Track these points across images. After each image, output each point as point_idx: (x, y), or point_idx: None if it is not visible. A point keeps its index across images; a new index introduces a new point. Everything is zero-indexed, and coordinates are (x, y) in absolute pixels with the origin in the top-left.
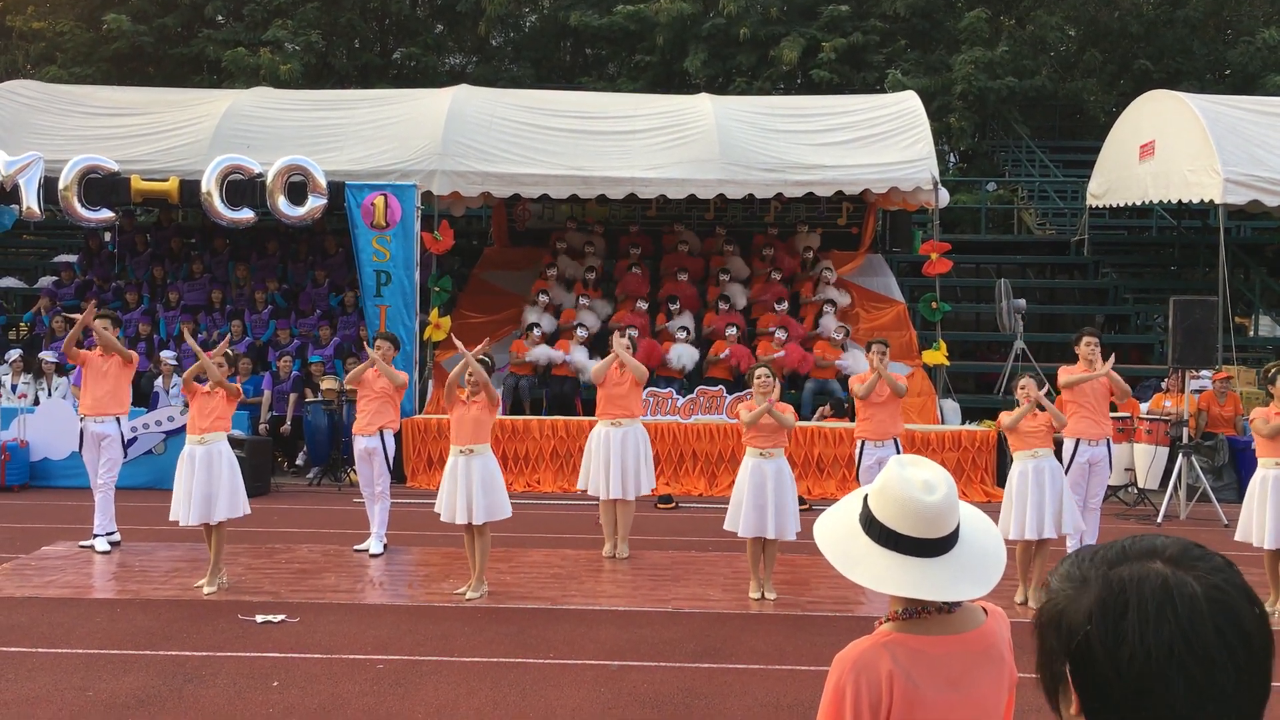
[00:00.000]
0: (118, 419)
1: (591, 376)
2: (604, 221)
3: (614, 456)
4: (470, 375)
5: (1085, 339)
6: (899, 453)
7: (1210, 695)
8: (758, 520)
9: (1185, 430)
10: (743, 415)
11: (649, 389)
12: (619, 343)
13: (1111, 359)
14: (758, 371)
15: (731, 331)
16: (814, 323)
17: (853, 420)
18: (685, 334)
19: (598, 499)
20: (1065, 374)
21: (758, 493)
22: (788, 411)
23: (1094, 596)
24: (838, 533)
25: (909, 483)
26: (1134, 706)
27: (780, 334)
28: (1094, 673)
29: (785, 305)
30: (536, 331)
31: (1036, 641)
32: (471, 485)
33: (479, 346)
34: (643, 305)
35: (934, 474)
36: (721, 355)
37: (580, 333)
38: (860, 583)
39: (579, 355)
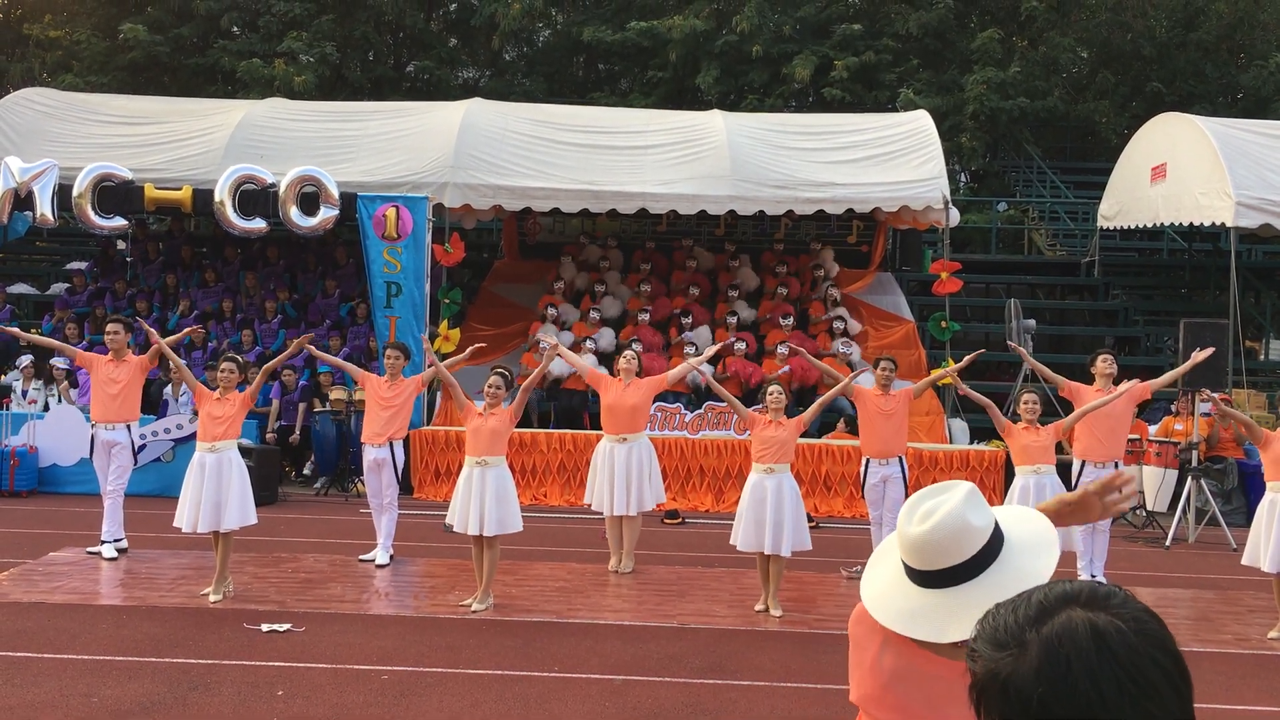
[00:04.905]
0: (128, 426)
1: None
2: (615, 236)
3: (618, 472)
4: (493, 385)
5: (1103, 356)
6: (903, 471)
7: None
8: (755, 535)
9: (1194, 453)
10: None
11: (657, 404)
12: (623, 364)
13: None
14: (769, 388)
15: (740, 347)
16: (827, 341)
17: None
18: (694, 349)
19: (603, 514)
20: (1079, 399)
21: (757, 508)
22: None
23: (1034, 658)
24: (887, 544)
25: (911, 508)
26: None
27: (783, 349)
28: None
29: (791, 320)
30: (545, 345)
31: (981, 709)
32: (485, 497)
33: (467, 352)
34: (644, 317)
35: (944, 507)
36: (727, 374)
37: (588, 344)
38: (861, 595)
39: (587, 361)
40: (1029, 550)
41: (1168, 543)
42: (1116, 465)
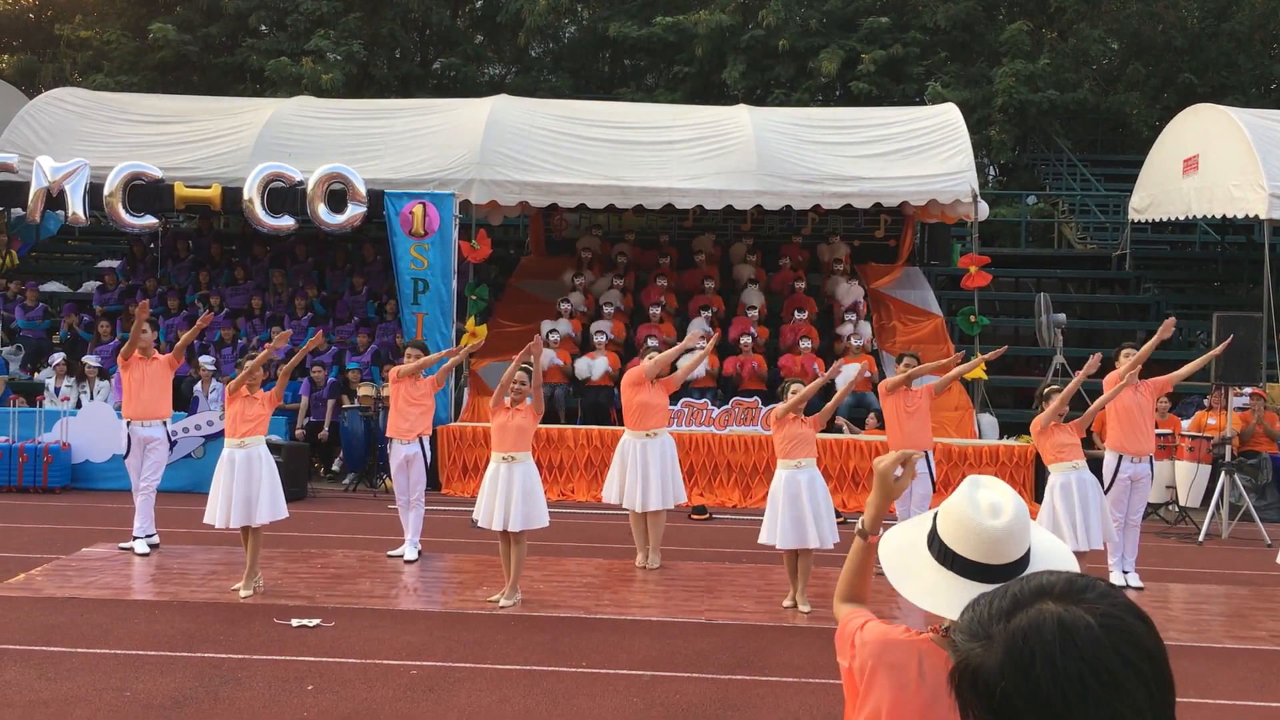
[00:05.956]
0: (163, 422)
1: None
2: (641, 231)
3: (643, 468)
4: (517, 381)
5: (1126, 352)
6: (930, 466)
7: (1128, 717)
8: (796, 532)
9: (1228, 448)
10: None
11: (684, 399)
12: (647, 358)
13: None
14: (791, 385)
15: (745, 340)
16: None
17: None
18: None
19: (625, 509)
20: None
21: (794, 504)
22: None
23: (1000, 651)
24: (901, 544)
25: (976, 503)
26: None
27: (805, 344)
28: None
29: (806, 315)
30: (554, 337)
31: (955, 698)
32: (511, 493)
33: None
34: (656, 311)
35: (1004, 498)
36: (705, 371)
37: (598, 339)
38: (906, 596)
39: (598, 364)
40: (1035, 532)
41: (1201, 538)
42: (1150, 459)
